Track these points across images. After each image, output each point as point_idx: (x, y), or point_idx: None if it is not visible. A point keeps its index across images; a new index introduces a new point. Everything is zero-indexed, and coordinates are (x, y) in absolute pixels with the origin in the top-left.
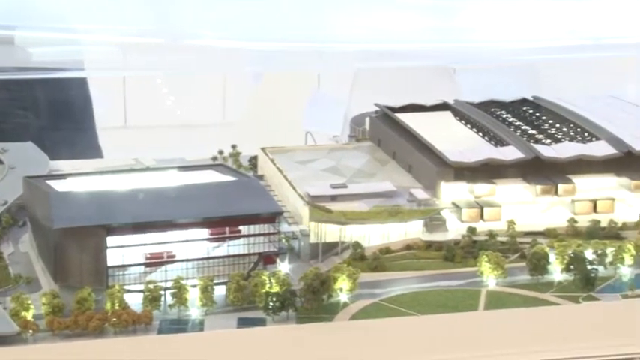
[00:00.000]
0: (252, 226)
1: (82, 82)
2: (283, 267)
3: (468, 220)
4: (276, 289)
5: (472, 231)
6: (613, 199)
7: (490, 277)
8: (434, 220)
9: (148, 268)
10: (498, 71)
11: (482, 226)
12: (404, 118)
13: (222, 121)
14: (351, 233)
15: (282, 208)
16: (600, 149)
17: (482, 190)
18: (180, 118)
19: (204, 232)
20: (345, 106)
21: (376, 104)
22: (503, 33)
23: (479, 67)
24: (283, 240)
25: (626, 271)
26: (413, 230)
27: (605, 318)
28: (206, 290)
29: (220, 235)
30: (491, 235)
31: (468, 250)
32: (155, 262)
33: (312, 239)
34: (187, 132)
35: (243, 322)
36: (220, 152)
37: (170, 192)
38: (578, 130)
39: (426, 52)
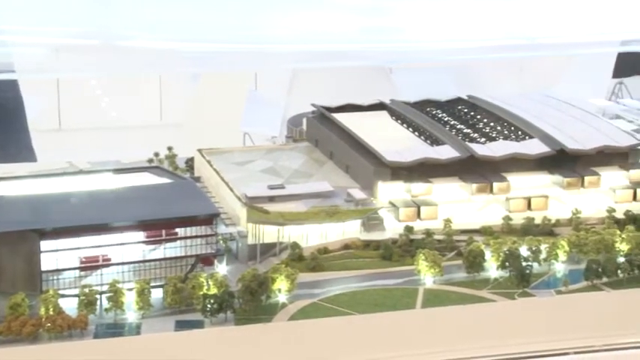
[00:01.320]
0: (188, 228)
1: (12, 85)
2: (221, 269)
3: (405, 219)
4: (213, 291)
5: (409, 230)
6: (547, 197)
7: (427, 276)
8: (371, 220)
9: (82, 272)
10: (434, 71)
11: (419, 225)
12: (341, 118)
13: (159, 122)
14: (289, 234)
15: (219, 210)
16: (534, 147)
17: (418, 189)
18: (116, 120)
19: (140, 235)
20: (283, 107)
21: (313, 105)
22: (439, 33)
23: (415, 66)
24: (221, 241)
25: (560, 267)
26: (351, 230)
27: (540, 314)
28: (143, 293)
29: (157, 238)
30: (428, 233)
31: (405, 248)
32: (90, 265)
33: (250, 240)
34: (123, 134)
35: (181, 325)
36: (156, 154)
37: (105, 195)
38: (513, 128)
39: (362, 52)
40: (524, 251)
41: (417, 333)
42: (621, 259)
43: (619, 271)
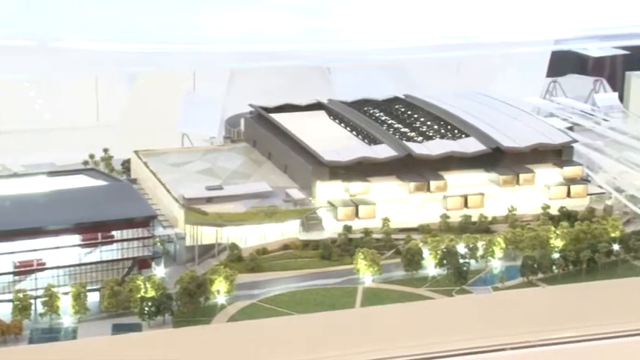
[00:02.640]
0: (125, 231)
1: None
2: (159, 271)
3: (344, 218)
4: (151, 293)
5: (348, 229)
6: (483, 194)
7: (366, 275)
8: (310, 220)
9: (17, 277)
10: (373, 70)
11: (357, 224)
12: (279, 118)
13: (95, 124)
14: (227, 235)
15: (156, 212)
16: (470, 146)
17: (357, 188)
18: (50, 121)
19: (76, 239)
20: (221, 107)
21: (250, 105)
22: (376, 32)
23: (353, 66)
24: (158, 244)
25: (496, 264)
26: (290, 230)
27: (477, 310)
28: (79, 297)
29: (92, 241)
30: (367, 232)
31: (344, 248)
32: (24, 270)
33: (188, 242)
34: (58, 136)
35: (118, 329)
36: (92, 156)
37: (39, 198)
38: (449, 127)
39: (300, 52)
40: (461, 249)
41: (357, 332)
42: (556, 255)
43: (554, 267)
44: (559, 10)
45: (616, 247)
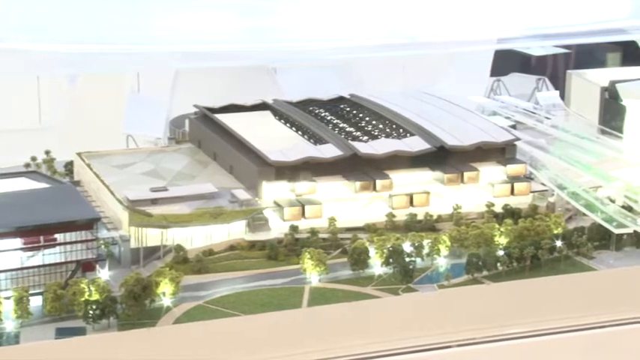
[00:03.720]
0: (68, 234)
1: None
2: (103, 274)
3: (290, 218)
4: (95, 296)
5: (294, 229)
6: (428, 193)
7: (313, 274)
8: (256, 220)
9: None
10: (319, 70)
11: (304, 224)
12: (224, 118)
13: (37, 126)
14: (172, 236)
15: (100, 214)
16: (415, 145)
17: (303, 188)
18: None
19: (18, 242)
20: (166, 108)
21: (195, 105)
22: (322, 32)
23: (299, 66)
24: (102, 246)
25: (442, 262)
26: (236, 231)
27: (424, 308)
28: (21, 302)
29: (35, 244)
30: (313, 232)
31: (290, 248)
32: None
33: (133, 244)
34: None
35: (62, 333)
36: (34, 159)
37: None
38: (394, 126)
39: (245, 52)
40: (407, 247)
41: (304, 332)
42: (500, 253)
43: (498, 264)
44: (501, 10)
45: (559, 243)
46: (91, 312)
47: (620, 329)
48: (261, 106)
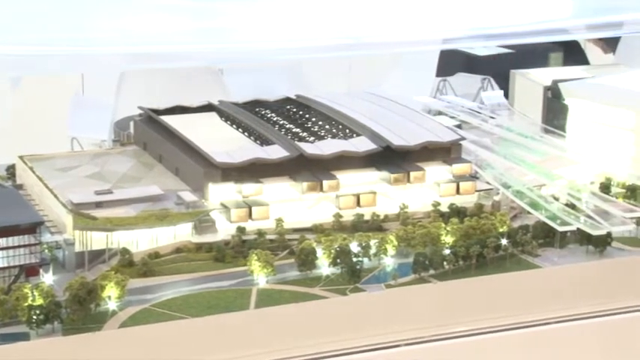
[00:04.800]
0: (10, 238)
1: None
2: (47, 278)
3: (237, 219)
4: (39, 301)
5: (241, 230)
6: (375, 193)
7: (260, 276)
8: (203, 222)
9: None
10: (266, 71)
11: (251, 226)
12: (169, 120)
13: None
14: (118, 239)
15: (43, 218)
16: (361, 145)
17: (249, 189)
18: None
19: None
20: (112, 110)
21: (140, 107)
22: (268, 33)
23: (246, 67)
24: (46, 250)
25: (389, 262)
26: (182, 233)
27: (372, 308)
28: None
29: None
30: (260, 233)
31: (238, 249)
32: None
33: (77, 248)
34: None
35: (5, 338)
36: None
37: None
38: (341, 127)
39: (191, 53)
40: (354, 247)
41: (252, 333)
42: (447, 251)
43: (445, 263)
44: (446, 11)
45: (504, 241)
46: (34, 317)
47: (565, 325)
48: (207, 108)
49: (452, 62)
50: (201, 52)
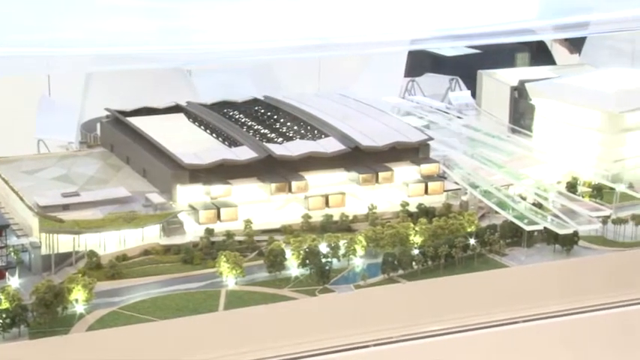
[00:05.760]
0: None
1: None
2: (13, 282)
3: (205, 221)
4: (5, 305)
5: (210, 232)
6: (344, 194)
7: (229, 277)
8: (171, 224)
9: None
10: (234, 72)
11: (219, 227)
12: (136, 122)
13: None
14: (85, 242)
15: (9, 221)
16: (330, 146)
17: (218, 190)
18: None
19: None
20: (78, 112)
21: (107, 109)
22: (236, 34)
23: (214, 67)
24: (12, 253)
25: (358, 262)
26: (150, 235)
27: (341, 309)
28: None
29: None
30: (229, 235)
31: (206, 251)
32: None
33: (44, 251)
34: None
35: None
36: None
37: None
38: (309, 127)
39: (159, 54)
40: (323, 248)
41: (221, 335)
42: (416, 252)
43: (414, 263)
44: (413, 11)
45: (472, 241)
46: (0, 321)
47: (532, 324)
48: (175, 109)
49: (420, 63)
50: (168, 54)
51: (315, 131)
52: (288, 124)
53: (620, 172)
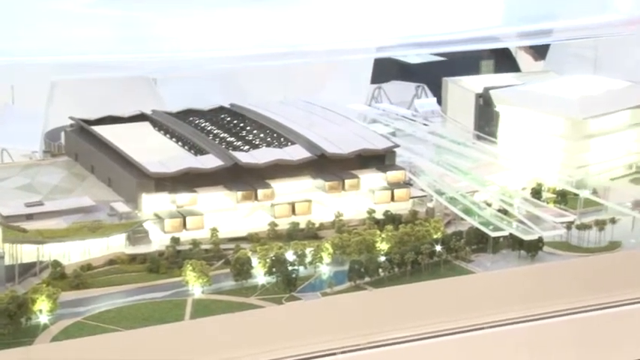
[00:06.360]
0: None
1: None
2: None
3: (171, 230)
4: None
5: (176, 241)
6: (310, 201)
7: (195, 286)
8: (136, 233)
9: None
10: (201, 80)
11: (185, 236)
12: (101, 130)
13: None
14: (49, 252)
15: None
16: (296, 153)
17: (183, 199)
18: None
19: None
20: (42, 121)
21: (71, 117)
22: (202, 42)
23: (181, 76)
24: None
25: (325, 270)
26: (115, 244)
27: (307, 316)
28: None
29: None
30: (195, 243)
31: (172, 260)
32: None
33: (7, 261)
34: None
35: None
36: None
37: None
38: (275, 135)
39: (124, 63)
40: (290, 256)
41: (187, 344)
42: (382, 259)
43: (380, 270)
44: (379, 19)
45: (438, 247)
46: None
47: (498, 330)
48: (140, 117)
49: (386, 70)
50: (134, 62)
51: (282, 139)
52: (255, 131)
53: (584, 178)
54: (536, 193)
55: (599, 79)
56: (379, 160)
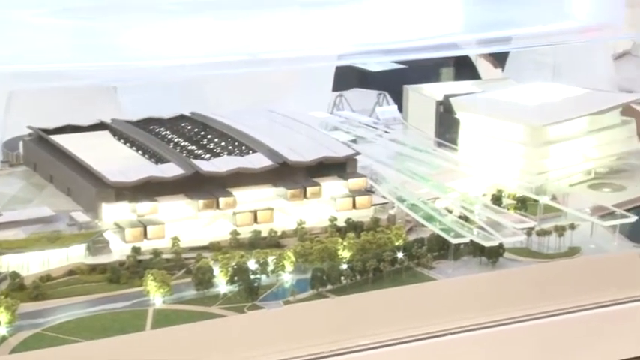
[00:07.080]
0: None
1: None
2: None
3: (132, 239)
4: None
5: (136, 250)
6: (272, 209)
7: (156, 296)
8: (97, 243)
9: None
10: (161, 88)
11: (146, 245)
12: (60, 140)
13: None
14: (7, 263)
15: None
16: (257, 161)
17: (144, 208)
18: None
19: None
20: (0, 130)
21: (29, 127)
22: (162, 50)
23: (141, 84)
24: None
25: (287, 278)
26: (75, 255)
27: (270, 325)
28: None
29: None
30: (156, 253)
31: (133, 270)
32: None
33: None
34: None
35: None
36: None
37: None
38: (236, 143)
39: (83, 71)
40: (252, 264)
41: (147, 355)
42: (344, 266)
43: (342, 278)
44: (340, 27)
45: (400, 255)
46: None
47: (460, 336)
48: (100, 126)
49: (348, 78)
50: (93, 71)
51: (243, 147)
52: (216, 140)
53: (544, 184)
54: (497, 199)
55: (557, 86)
56: (341, 167)
